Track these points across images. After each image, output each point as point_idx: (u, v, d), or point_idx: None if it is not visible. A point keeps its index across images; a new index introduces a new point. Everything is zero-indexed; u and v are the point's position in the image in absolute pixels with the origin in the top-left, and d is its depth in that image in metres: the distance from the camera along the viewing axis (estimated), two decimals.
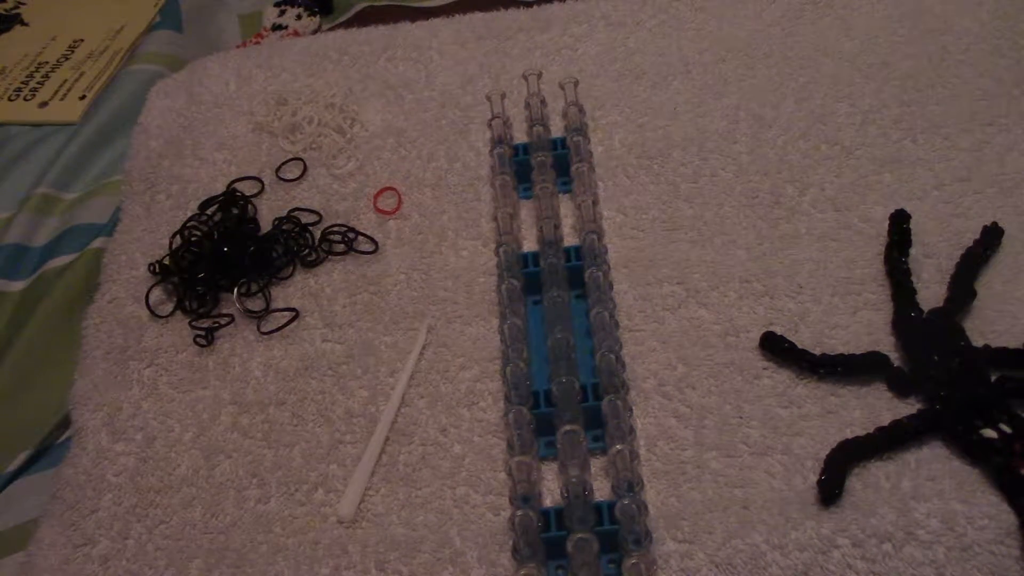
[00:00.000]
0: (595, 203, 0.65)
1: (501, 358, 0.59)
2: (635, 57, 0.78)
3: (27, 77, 0.93)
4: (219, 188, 0.75)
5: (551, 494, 0.53)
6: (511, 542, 0.51)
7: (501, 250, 0.62)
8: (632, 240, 0.65)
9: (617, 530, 0.49)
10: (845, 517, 0.49)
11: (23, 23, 1.01)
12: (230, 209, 0.72)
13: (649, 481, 0.53)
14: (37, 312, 0.70)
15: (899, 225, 0.61)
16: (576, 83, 0.73)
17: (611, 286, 0.61)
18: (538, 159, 0.67)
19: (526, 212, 0.68)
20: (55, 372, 0.67)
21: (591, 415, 0.54)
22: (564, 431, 0.52)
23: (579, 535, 0.47)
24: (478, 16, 0.84)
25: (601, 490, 0.53)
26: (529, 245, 0.66)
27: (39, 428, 0.64)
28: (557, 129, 0.73)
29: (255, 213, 0.73)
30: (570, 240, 0.65)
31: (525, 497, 0.51)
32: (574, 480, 0.50)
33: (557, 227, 0.63)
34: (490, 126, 0.71)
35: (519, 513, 0.49)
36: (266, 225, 0.71)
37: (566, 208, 0.68)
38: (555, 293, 0.59)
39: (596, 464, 0.54)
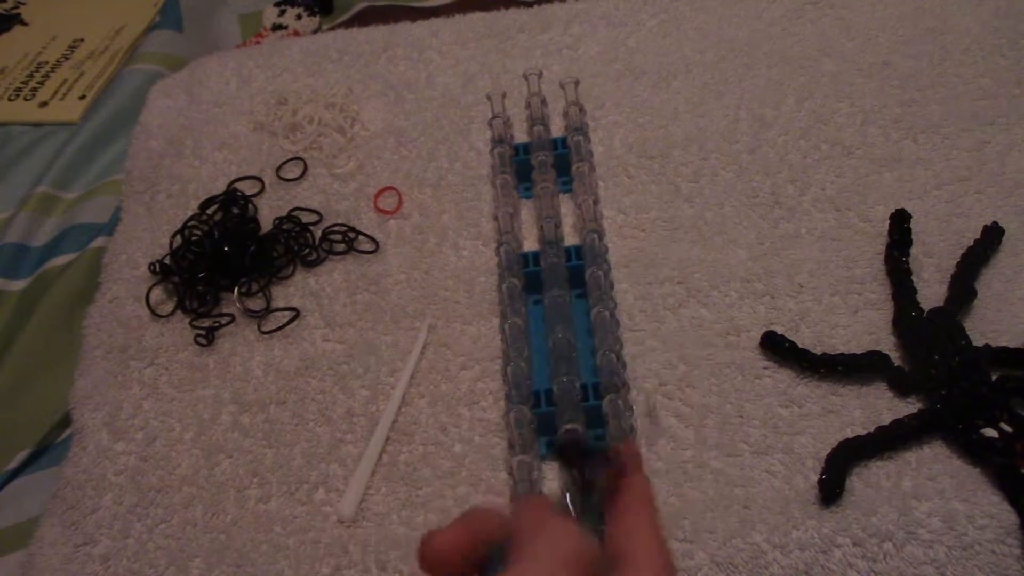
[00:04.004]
0: (596, 202, 0.65)
1: (502, 357, 0.59)
2: (635, 57, 0.78)
3: (27, 77, 0.93)
4: (219, 187, 0.75)
5: (552, 494, 0.53)
6: None
7: (502, 249, 0.62)
8: (632, 240, 0.65)
9: None
10: (846, 516, 0.49)
11: (23, 23, 1.01)
12: (230, 209, 0.72)
13: (650, 480, 0.53)
14: (37, 312, 0.70)
15: (900, 224, 0.61)
16: (577, 83, 0.73)
17: (612, 285, 0.61)
18: (538, 159, 0.67)
19: (526, 212, 0.68)
20: (55, 372, 0.67)
21: (592, 414, 0.54)
22: (564, 431, 0.51)
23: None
24: (478, 16, 0.85)
25: None
26: (529, 245, 0.66)
27: (39, 427, 0.64)
28: (557, 129, 0.73)
29: (255, 213, 0.73)
30: (570, 240, 0.65)
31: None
32: (571, 481, 0.50)
33: (558, 226, 0.63)
34: (491, 126, 0.71)
35: None
36: (266, 225, 0.71)
37: (566, 208, 0.68)
38: (556, 292, 0.59)
39: None
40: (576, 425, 0.31)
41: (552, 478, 0.54)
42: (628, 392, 0.56)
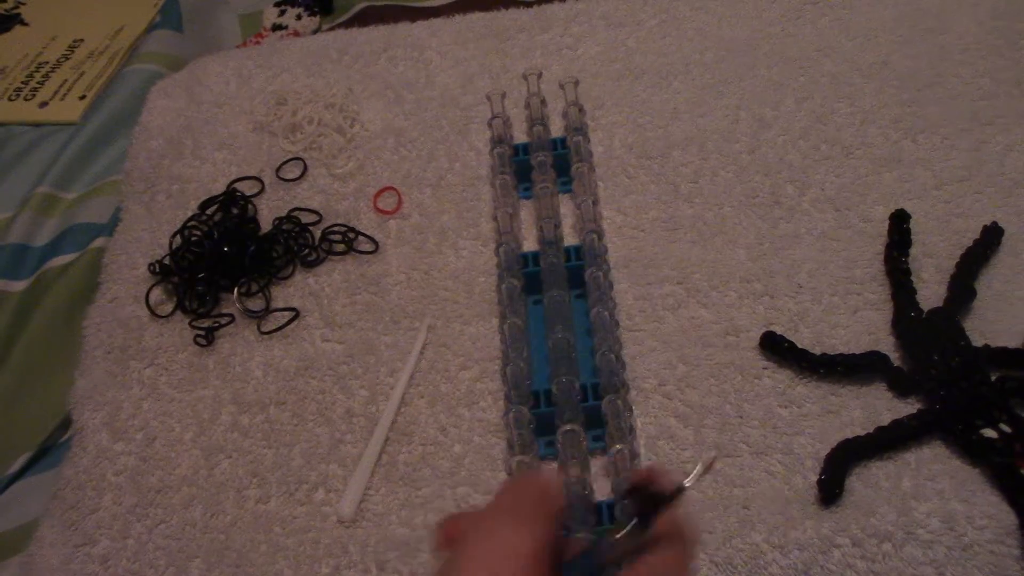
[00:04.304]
0: (595, 203, 0.65)
1: (501, 358, 0.59)
2: (635, 57, 0.78)
3: (27, 77, 0.93)
4: (219, 188, 0.75)
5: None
6: None
7: (501, 250, 0.62)
8: (632, 240, 0.65)
9: None
10: (845, 516, 0.49)
11: (23, 23, 1.01)
12: (230, 209, 0.72)
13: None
14: (38, 312, 0.70)
15: (899, 225, 0.61)
16: (576, 83, 0.73)
17: (611, 285, 0.61)
18: (538, 159, 0.67)
19: (526, 212, 0.68)
20: (56, 372, 0.67)
21: (591, 415, 0.54)
22: (564, 430, 0.52)
23: (580, 534, 0.47)
24: (478, 16, 0.85)
25: (601, 490, 0.53)
26: (529, 245, 0.66)
27: (40, 429, 0.64)
28: (557, 129, 0.73)
29: (255, 213, 0.73)
30: (569, 240, 0.65)
31: None
32: (574, 480, 0.50)
33: (557, 227, 0.63)
34: (490, 126, 0.71)
35: None
36: (266, 225, 0.71)
37: (566, 208, 0.68)
38: (555, 293, 0.59)
39: (596, 464, 0.54)
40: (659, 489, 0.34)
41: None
42: (627, 392, 0.56)
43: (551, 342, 0.56)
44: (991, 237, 0.60)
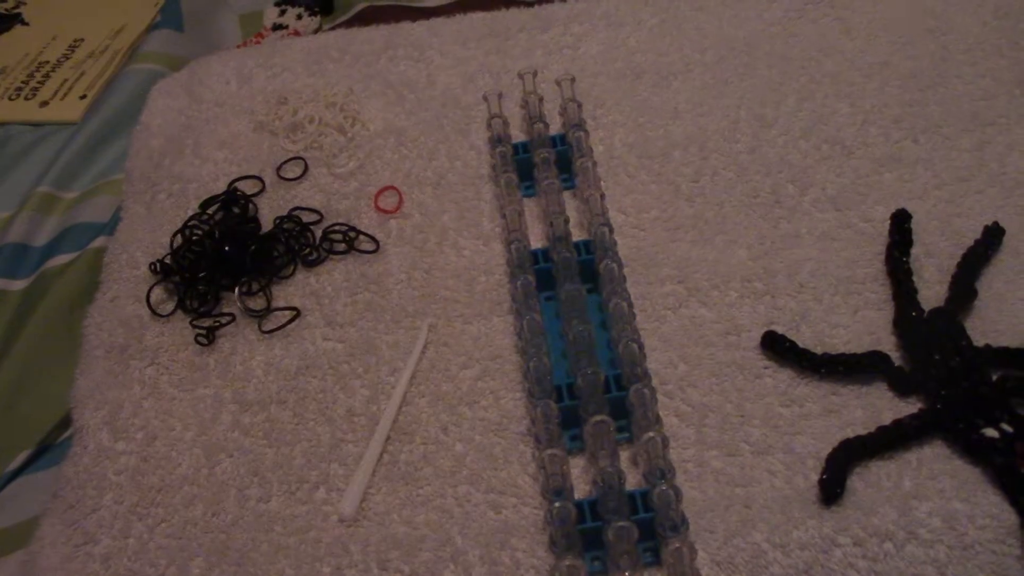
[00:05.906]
0: (603, 197, 0.65)
1: (521, 354, 0.59)
2: (636, 57, 0.78)
3: (27, 77, 0.93)
4: (220, 187, 0.75)
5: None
6: (548, 535, 0.50)
7: (513, 247, 0.62)
8: (633, 239, 0.65)
9: (651, 518, 0.49)
10: (847, 516, 0.49)
11: (23, 23, 1.01)
12: (231, 208, 0.72)
13: None
14: (38, 311, 0.70)
15: (900, 225, 0.61)
16: (573, 79, 0.73)
17: (624, 278, 0.61)
18: (541, 155, 0.67)
19: (529, 210, 0.68)
20: (56, 371, 0.67)
21: (612, 406, 0.54)
22: (594, 422, 0.51)
23: (619, 523, 0.47)
24: (479, 16, 0.85)
25: (630, 480, 0.53)
26: (532, 243, 0.65)
27: (39, 427, 0.64)
28: (555, 127, 0.73)
29: (256, 212, 0.73)
30: (574, 236, 0.65)
31: (557, 491, 0.51)
32: (609, 470, 0.50)
33: (567, 222, 0.63)
34: (490, 125, 0.71)
35: (557, 505, 0.49)
36: (267, 224, 0.71)
37: (569, 205, 0.68)
38: (570, 287, 0.59)
39: (623, 455, 0.54)
40: None
41: (578, 473, 0.54)
42: (651, 381, 0.56)
43: (572, 335, 0.56)
44: (992, 237, 0.60)
